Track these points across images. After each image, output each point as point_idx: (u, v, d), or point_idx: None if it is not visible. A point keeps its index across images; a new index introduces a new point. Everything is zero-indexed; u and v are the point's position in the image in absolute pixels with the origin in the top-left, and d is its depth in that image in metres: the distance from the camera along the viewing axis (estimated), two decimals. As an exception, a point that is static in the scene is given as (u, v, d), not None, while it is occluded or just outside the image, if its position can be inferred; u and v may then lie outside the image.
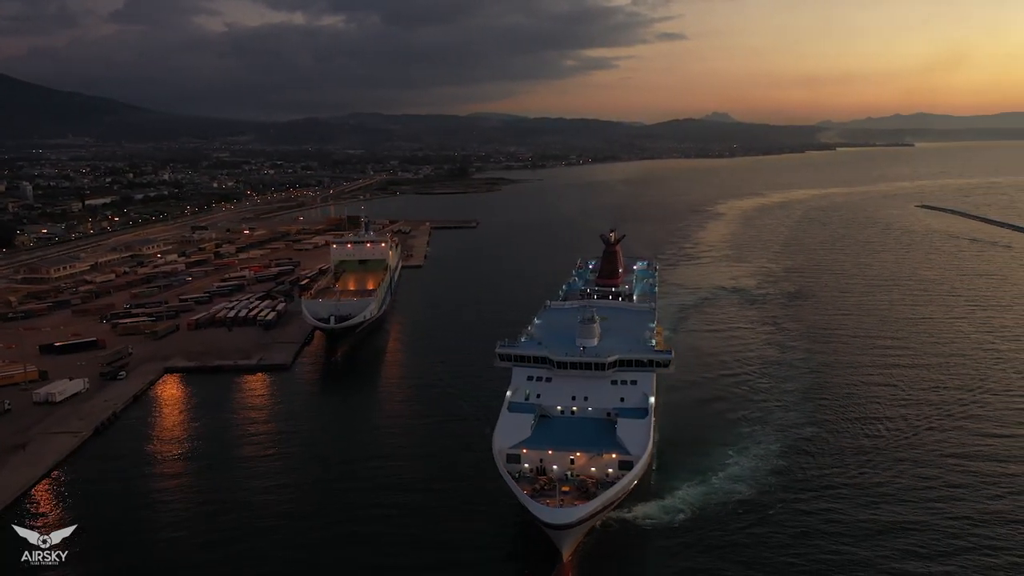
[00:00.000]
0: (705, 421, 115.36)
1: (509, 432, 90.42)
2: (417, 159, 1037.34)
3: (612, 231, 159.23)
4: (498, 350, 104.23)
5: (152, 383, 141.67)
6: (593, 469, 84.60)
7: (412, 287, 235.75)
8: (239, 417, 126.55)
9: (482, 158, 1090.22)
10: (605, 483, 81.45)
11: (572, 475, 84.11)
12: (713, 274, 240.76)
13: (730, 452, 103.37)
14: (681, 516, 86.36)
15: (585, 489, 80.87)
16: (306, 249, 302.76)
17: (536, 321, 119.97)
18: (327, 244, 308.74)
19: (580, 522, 75.47)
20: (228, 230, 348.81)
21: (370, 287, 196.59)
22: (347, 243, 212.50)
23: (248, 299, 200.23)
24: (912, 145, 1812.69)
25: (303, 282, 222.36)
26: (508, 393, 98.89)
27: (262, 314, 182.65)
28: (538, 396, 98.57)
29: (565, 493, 79.93)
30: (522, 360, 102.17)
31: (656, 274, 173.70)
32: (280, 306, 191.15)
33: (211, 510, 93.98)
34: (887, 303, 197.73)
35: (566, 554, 76.50)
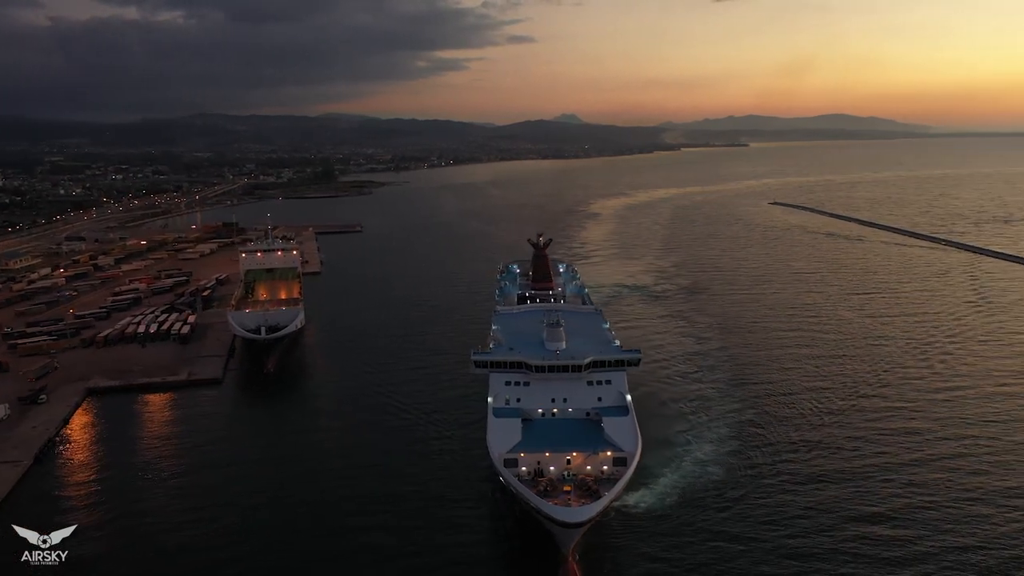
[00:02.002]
0: (654, 413, 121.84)
1: (501, 437, 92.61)
2: (272, 161, 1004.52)
3: (540, 235, 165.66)
4: (473, 357, 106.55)
5: (77, 405, 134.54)
6: (589, 468, 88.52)
7: (316, 294, 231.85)
8: (184, 432, 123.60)
9: (341, 160, 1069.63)
10: (603, 480, 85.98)
11: (569, 475, 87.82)
12: (609, 273, 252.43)
13: (689, 439, 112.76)
14: (668, 501, 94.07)
15: (586, 487, 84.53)
16: (192, 258, 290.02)
17: (494, 327, 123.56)
18: (212, 253, 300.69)
19: (592, 519, 79.43)
20: (97, 240, 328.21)
21: (283, 296, 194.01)
22: (256, 252, 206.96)
23: (153, 312, 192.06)
24: (747, 145, 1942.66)
25: (205, 293, 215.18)
26: (490, 399, 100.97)
27: (175, 327, 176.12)
28: (518, 400, 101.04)
29: (567, 493, 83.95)
30: (499, 366, 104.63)
31: (579, 275, 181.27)
32: (191, 318, 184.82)
33: (185, 521, 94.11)
34: (772, 293, 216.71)
35: (570, 551, 79.84)
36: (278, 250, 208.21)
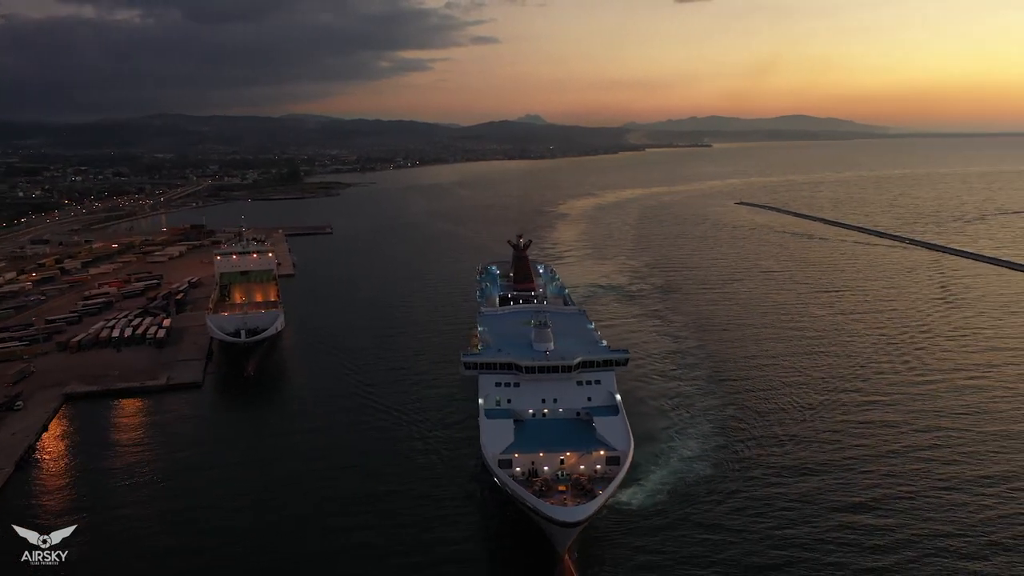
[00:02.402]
0: (637, 411, 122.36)
1: (495, 438, 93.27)
2: (237, 162, 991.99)
3: (520, 237, 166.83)
4: (463, 359, 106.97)
5: (56, 411, 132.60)
6: (582, 467, 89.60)
7: (291, 296, 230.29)
8: (166, 437, 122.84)
9: (307, 161, 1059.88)
10: (597, 479, 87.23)
11: (563, 474, 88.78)
12: (583, 273, 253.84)
13: (674, 435, 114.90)
14: (658, 497, 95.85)
15: (581, 487, 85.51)
16: (161, 261, 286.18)
17: (480, 328, 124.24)
18: (182, 255, 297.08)
19: (589, 518, 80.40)
20: (62, 244, 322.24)
21: (259, 298, 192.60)
22: (232, 254, 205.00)
23: (127, 316, 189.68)
24: (710, 146, 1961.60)
25: (178, 296, 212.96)
26: (481, 401, 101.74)
27: (150, 331, 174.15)
28: (509, 401, 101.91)
29: (562, 492, 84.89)
30: (489, 367, 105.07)
31: (559, 276, 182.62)
32: (166, 322, 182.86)
33: (175, 524, 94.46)
34: (744, 292, 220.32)
35: (564, 550, 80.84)
36: (253, 252, 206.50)
